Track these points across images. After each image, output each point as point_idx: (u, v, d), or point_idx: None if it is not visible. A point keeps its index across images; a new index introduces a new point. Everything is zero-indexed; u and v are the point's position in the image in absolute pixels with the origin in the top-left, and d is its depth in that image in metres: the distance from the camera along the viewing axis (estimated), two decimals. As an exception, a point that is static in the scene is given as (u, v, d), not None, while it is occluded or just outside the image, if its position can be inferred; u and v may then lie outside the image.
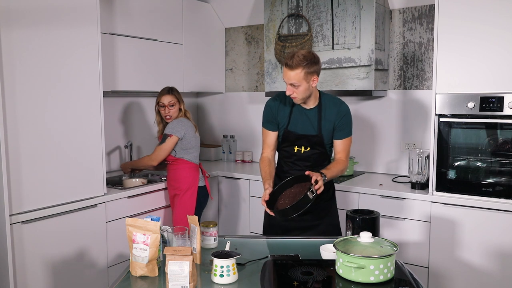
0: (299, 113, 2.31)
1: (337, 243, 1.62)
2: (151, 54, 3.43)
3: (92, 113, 2.70)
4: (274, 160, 2.42)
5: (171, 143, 2.96)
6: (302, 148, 2.31)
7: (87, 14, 2.63)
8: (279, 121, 2.35)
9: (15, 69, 2.31)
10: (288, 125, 2.32)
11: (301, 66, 2.13)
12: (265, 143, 2.40)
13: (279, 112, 2.34)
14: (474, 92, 2.61)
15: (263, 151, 2.41)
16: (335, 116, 2.28)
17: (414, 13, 3.27)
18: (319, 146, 2.29)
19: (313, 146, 2.30)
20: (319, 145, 2.29)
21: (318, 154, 2.31)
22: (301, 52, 2.17)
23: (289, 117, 2.31)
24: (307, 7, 3.31)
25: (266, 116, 2.38)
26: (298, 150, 2.32)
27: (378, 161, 3.50)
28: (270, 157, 2.39)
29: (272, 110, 2.36)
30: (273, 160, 2.41)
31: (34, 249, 2.44)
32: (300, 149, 2.32)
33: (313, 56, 2.17)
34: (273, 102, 2.37)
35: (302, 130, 2.29)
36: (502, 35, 2.50)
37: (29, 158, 2.39)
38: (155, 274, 1.70)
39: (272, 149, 2.40)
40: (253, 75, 4.09)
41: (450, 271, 2.73)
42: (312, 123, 2.28)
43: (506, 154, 2.60)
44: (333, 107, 2.30)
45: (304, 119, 2.30)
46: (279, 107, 2.34)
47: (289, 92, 2.19)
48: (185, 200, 3.01)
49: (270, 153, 2.40)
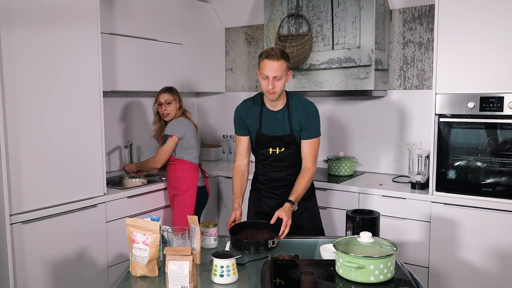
0: (268, 116, 2.32)
1: (337, 243, 1.62)
2: (151, 54, 3.43)
3: (92, 113, 2.70)
4: (248, 170, 2.44)
5: (172, 144, 2.97)
6: (277, 149, 2.32)
7: (87, 14, 2.63)
8: (249, 125, 2.36)
9: (15, 69, 2.31)
10: (260, 128, 2.32)
11: (283, 58, 2.17)
12: (237, 151, 2.42)
13: (248, 116, 2.35)
14: (474, 92, 2.60)
15: (236, 159, 2.43)
16: (300, 115, 2.28)
17: (414, 13, 3.27)
18: (293, 145, 2.30)
19: (287, 146, 2.31)
20: (293, 145, 2.30)
21: (294, 153, 2.32)
22: (276, 47, 2.23)
23: (259, 120, 2.32)
24: (307, 7, 3.31)
25: (236, 121, 2.41)
26: (273, 152, 2.32)
27: (378, 161, 3.50)
28: (243, 167, 2.41)
29: (241, 115, 2.38)
30: (246, 170, 2.43)
31: (34, 249, 2.44)
32: (275, 150, 2.32)
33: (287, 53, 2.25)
34: (241, 107, 2.40)
35: (273, 131, 2.30)
36: (502, 35, 2.50)
37: (29, 158, 2.39)
38: (155, 274, 1.70)
39: (245, 157, 2.42)
40: (253, 75, 4.09)
41: (450, 271, 2.73)
42: (282, 124, 2.29)
43: (506, 154, 2.60)
44: (298, 106, 2.29)
45: (274, 122, 2.31)
46: (247, 111, 2.36)
47: (271, 86, 2.17)
48: (185, 200, 3.01)
49: (243, 162, 2.41)
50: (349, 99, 3.55)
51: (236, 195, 2.33)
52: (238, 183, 2.37)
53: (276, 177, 2.37)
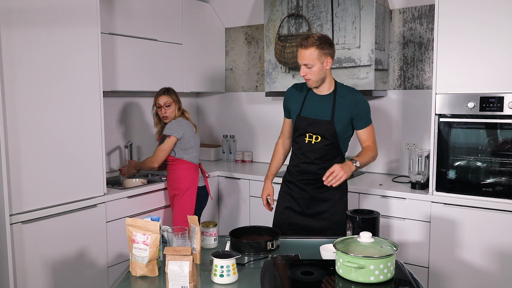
0: (312, 100, 2.33)
1: (337, 243, 1.62)
2: (151, 54, 3.43)
3: (92, 113, 2.70)
4: (288, 148, 2.55)
5: (169, 144, 2.97)
6: (313, 138, 2.30)
7: (87, 14, 2.63)
8: (291, 107, 2.39)
9: (15, 69, 2.31)
10: (301, 111, 2.34)
11: (315, 45, 2.17)
12: (282, 130, 2.55)
13: (292, 98, 2.40)
14: (474, 92, 2.61)
15: (279, 136, 2.56)
16: (351, 104, 2.27)
17: (414, 13, 3.27)
18: (330, 135, 2.27)
19: (324, 134, 2.28)
20: (331, 134, 2.27)
21: (329, 146, 2.29)
22: (316, 33, 2.24)
23: (302, 103, 2.34)
24: (307, 7, 3.31)
25: (283, 103, 2.48)
26: (309, 141, 2.32)
27: (378, 161, 3.49)
28: (284, 145, 2.54)
29: (287, 97, 2.44)
30: (287, 148, 2.55)
31: (34, 249, 2.44)
32: (310, 140, 2.31)
33: (327, 38, 2.24)
34: (289, 90, 2.46)
35: (315, 115, 2.30)
36: (502, 35, 2.50)
37: (29, 158, 2.39)
38: (155, 274, 1.70)
39: (287, 137, 2.52)
40: (253, 75, 4.09)
41: (450, 271, 2.73)
42: (325, 108, 2.28)
43: (506, 154, 2.60)
44: (348, 94, 2.29)
45: (317, 105, 2.31)
46: (293, 94, 2.42)
47: (303, 73, 2.23)
48: (185, 200, 3.01)
49: (284, 141, 2.54)
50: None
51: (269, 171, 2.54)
52: (275, 159, 2.55)
53: (307, 170, 2.35)
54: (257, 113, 4.08)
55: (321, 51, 2.18)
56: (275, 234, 2.02)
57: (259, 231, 2.11)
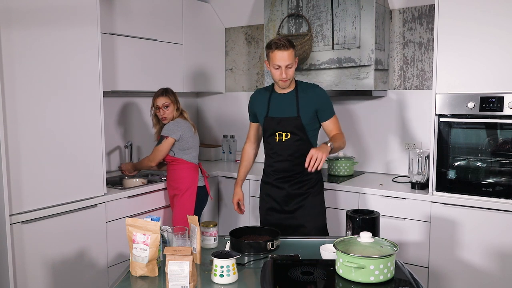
0: (276, 99, 2.42)
1: (337, 243, 1.62)
2: (151, 54, 3.43)
3: (92, 113, 2.70)
4: (254, 154, 2.68)
5: (167, 145, 2.97)
6: (283, 136, 2.38)
7: (87, 14, 2.63)
8: (257, 111, 2.48)
9: (15, 69, 2.31)
10: (268, 112, 2.42)
11: (292, 46, 2.29)
12: (248, 135, 2.67)
13: (257, 102, 2.50)
14: (474, 92, 2.60)
15: (245, 142, 2.69)
16: (313, 98, 2.37)
17: (414, 13, 3.27)
18: (299, 130, 2.36)
19: (293, 130, 2.36)
20: (299, 129, 2.36)
21: (299, 141, 2.37)
22: (281, 36, 2.38)
23: (268, 105, 2.43)
24: (307, 7, 3.31)
25: (248, 108, 2.58)
26: (279, 139, 2.40)
27: (378, 161, 3.50)
28: (251, 150, 2.67)
29: (252, 102, 2.55)
30: (253, 153, 2.67)
31: (34, 249, 2.44)
32: (281, 138, 2.39)
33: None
34: (253, 95, 2.57)
35: (281, 113, 2.39)
36: (502, 35, 2.50)
37: (29, 158, 2.39)
38: (155, 274, 1.70)
39: (253, 141, 2.66)
40: (253, 75, 4.09)
41: (450, 271, 2.73)
42: (290, 106, 2.38)
43: (506, 154, 2.60)
44: (309, 89, 2.40)
45: (282, 103, 2.40)
46: (257, 98, 2.51)
47: (284, 75, 2.30)
48: (185, 200, 3.01)
49: (251, 145, 2.66)
50: (349, 99, 3.55)
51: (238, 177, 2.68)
52: (242, 165, 2.68)
53: (281, 168, 2.42)
54: (257, 113, 4.07)
55: (295, 51, 2.32)
56: (275, 234, 2.02)
57: (259, 231, 2.11)
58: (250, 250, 1.92)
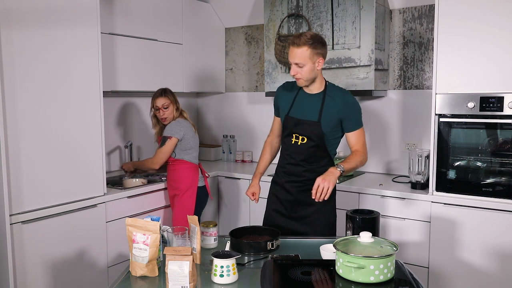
0: (301, 99, 2.28)
1: (337, 243, 1.62)
2: (151, 54, 3.43)
3: (92, 113, 2.70)
4: (277, 146, 2.50)
5: (171, 145, 2.96)
6: (299, 139, 2.26)
7: (87, 14, 2.63)
8: (281, 106, 2.36)
9: (15, 69, 2.31)
10: (289, 111, 2.30)
11: (307, 44, 2.10)
12: (271, 128, 2.52)
13: (282, 97, 2.36)
14: (474, 92, 2.60)
15: (268, 135, 2.53)
16: (340, 105, 2.20)
17: (414, 13, 3.27)
18: (316, 137, 2.22)
19: (310, 136, 2.23)
20: (317, 136, 2.22)
21: (315, 147, 2.24)
22: (309, 32, 2.16)
23: (292, 103, 2.30)
24: (307, 7, 3.31)
25: (274, 101, 2.45)
26: (295, 142, 2.27)
27: (378, 161, 3.50)
28: (273, 143, 2.50)
29: (277, 96, 2.41)
30: (275, 146, 2.51)
31: (34, 249, 2.44)
32: (297, 141, 2.27)
33: (320, 38, 2.17)
34: (279, 89, 2.43)
35: (302, 115, 2.25)
36: (502, 35, 2.50)
37: (29, 158, 2.39)
38: (155, 274, 1.70)
39: (277, 135, 2.48)
40: (253, 75, 4.09)
41: (450, 271, 2.73)
42: (313, 109, 2.23)
43: (506, 154, 2.60)
44: (338, 95, 2.23)
45: (306, 104, 2.26)
46: (283, 93, 2.38)
47: (293, 72, 2.17)
48: (185, 200, 3.01)
49: (273, 139, 2.50)
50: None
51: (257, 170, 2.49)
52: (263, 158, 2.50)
53: (292, 171, 2.31)
54: (257, 113, 4.07)
55: (314, 50, 2.11)
56: (275, 234, 2.02)
57: (259, 231, 2.11)
58: (250, 250, 1.92)
